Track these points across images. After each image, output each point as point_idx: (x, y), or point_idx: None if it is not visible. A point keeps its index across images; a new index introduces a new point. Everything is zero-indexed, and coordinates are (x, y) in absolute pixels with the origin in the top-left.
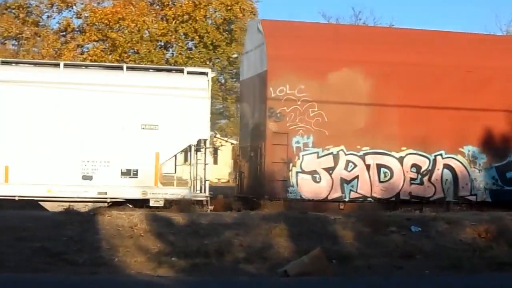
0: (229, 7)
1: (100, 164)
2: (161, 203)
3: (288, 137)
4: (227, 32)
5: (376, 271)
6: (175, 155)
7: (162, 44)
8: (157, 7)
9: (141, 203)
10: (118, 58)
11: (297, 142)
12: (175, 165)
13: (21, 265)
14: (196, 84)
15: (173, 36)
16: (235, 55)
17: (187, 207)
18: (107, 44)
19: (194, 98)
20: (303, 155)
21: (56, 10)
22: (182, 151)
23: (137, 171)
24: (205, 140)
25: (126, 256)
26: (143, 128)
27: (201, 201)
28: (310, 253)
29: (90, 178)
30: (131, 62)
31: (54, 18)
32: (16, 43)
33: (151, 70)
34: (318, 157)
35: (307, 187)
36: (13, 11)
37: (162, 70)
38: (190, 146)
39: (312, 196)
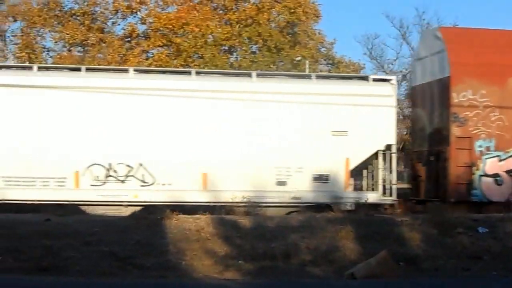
0: (292, 10)
1: (293, 170)
2: (351, 207)
3: (471, 141)
4: (290, 35)
5: (443, 273)
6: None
7: (226, 48)
8: (221, 11)
9: (330, 208)
10: (183, 63)
11: (480, 146)
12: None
13: (89, 270)
14: (381, 91)
15: (237, 40)
16: (298, 58)
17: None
18: (172, 49)
19: (381, 105)
20: (485, 159)
21: (120, 16)
22: (370, 156)
23: (328, 176)
24: (391, 145)
25: (193, 259)
26: (334, 135)
27: (390, 204)
28: (377, 255)
29: (284, 183)
30: (195, 66)
31: (119, 24)
32: (82, 49)
33: (333, 78)
34: (500, 160)
35: (490, 190)
36: (78, 18)
37: (346, 78)
38: (377, 152)
39: (495, 198)
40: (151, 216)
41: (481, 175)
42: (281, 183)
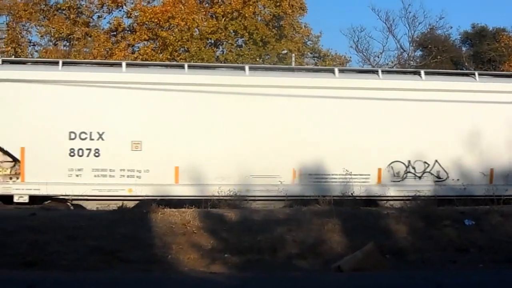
0: (278, 3)
1: None
2: None
3: None
4: (276, 28)
5: (430, 266)
6: None
7: (212, 42)
8: (206, 5)
9: None
10: (168, 57)
11: None
12: None
13: (75, 264)
14: None
15: (223, 34)
16: (284, 51)
17: None
18: (158, 43)
19: None
20: None
21: (106, 10)
22: None
23: None
24: None
25: (179, 253)
26: None
27: None
28: (363, 248)
29: None
30: (181, 60)
31: (104, 18)
32: (68, 43)
33: None
34: None
35: None
36: (64, 12)
37: None
38: None
39: None
40: (137, 209)
41: None
42: None
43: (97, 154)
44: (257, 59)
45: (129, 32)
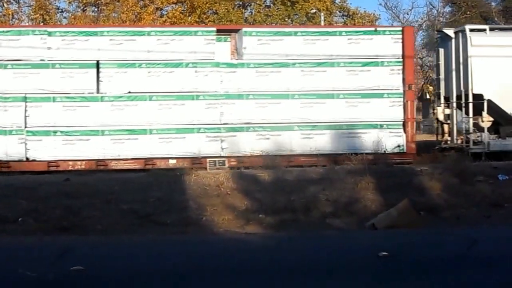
0: None
1: None
2: None
3: None
4: None
5: (464, 222)
6: None
7: (240, 3)
8: None
9: None
10: (197, 20)
11: None
12: None
13: (110, 228)
14: None
15: None
16: (313, 11)
17: None
18: (186, 6)
19: None
20: None
21: None
22: None
23: None
24: None
25: (213, 214)
26: None
27: None
28: (397, 205)
29: None
30: (210, 22)
31: None
32: (96, 9)
33: None
34: None
35: None
36: None
37: None
38: None
39: None
40: (171, 173)
41: None
42: None
43: None
44: (286, 19)
45: None
